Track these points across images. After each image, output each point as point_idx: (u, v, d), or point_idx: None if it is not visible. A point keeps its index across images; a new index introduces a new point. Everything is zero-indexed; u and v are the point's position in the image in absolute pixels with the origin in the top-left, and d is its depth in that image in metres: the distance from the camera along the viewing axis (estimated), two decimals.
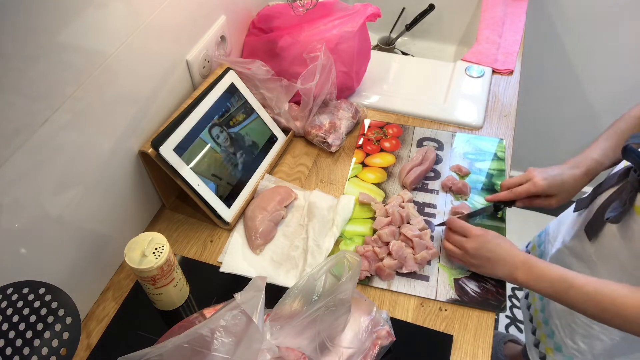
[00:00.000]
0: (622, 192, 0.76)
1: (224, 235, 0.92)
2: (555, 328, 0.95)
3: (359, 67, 1.14)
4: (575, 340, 0.91)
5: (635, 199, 0.73)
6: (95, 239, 0.80)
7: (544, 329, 0.99)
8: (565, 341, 0.93)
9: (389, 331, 0.72)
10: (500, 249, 0.78)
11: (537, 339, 1.02)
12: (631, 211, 0.73)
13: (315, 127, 1.06)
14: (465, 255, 0.80)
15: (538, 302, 1.02)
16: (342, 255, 0.69)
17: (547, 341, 0.97)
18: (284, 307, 0.68)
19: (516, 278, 0.75)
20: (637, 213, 0.72)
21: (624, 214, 0.74)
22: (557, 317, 0.94)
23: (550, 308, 0.97)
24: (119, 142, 0.79)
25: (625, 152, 0.72)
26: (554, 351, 0.97)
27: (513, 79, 1.22)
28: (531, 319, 1.05)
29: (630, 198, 0.73)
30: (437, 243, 0.88)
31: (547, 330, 0.98)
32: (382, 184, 0.99)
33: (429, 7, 1.44)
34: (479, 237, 0.79)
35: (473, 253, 0.78)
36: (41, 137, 0.64)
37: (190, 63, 0.94)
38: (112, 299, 0.83)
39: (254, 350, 0.62)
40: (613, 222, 0.76)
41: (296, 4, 1.05)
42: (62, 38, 0.64)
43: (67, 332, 0.54)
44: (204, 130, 0.90)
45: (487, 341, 0.76)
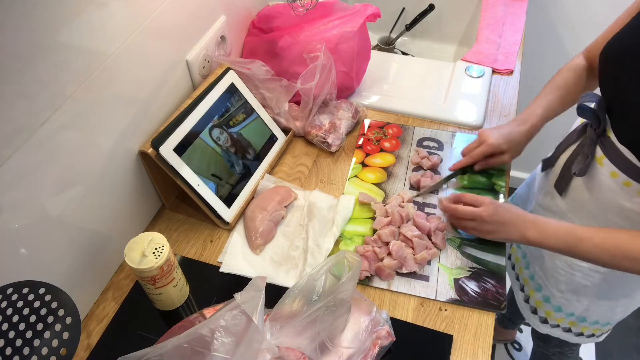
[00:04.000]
0: (583, 147, 0.82)
1: (224, 235, 0.92)
2: (541, 281, 1.00)
3: (359, 67, 1.14)
4: (560, 289, 0.96)
5: (595, 152, 0.79)
6: (95, 239, 0.80)
7: (531, 284, 1.04)
8: (552, 291, 0.98)
9: (389, 331, 0.72)
10: (511, 212, 0.82)
11: (526, 295, 1.07)
12: (594, 163, 0.79)
13: (315, 127, 1.06)
14: (481, 223, 0.83)
15: (522, 260, 1.07)
16: (342, 255, 0.69)
17: (535, 295, 1.03)
18: (284, 307, 0.68)
19: (528, 237, 0.79)
20: (599, 164, 0.79)
21: (587, 166, 0.80)
22: (541, 270, 0.99)
23: (534, 263, 1.01)
24: (119, 142, 0.79)
25: (580, 110, 0.79)
26: (543, 303, 1.02)
27: (513, 79, 1.22)
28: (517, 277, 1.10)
29: (591, 151, 0.79)
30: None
31: (534, 285, 1.02)
32: (382, 184, 0.99)
33: (429, 7, 1.44)
34: (492, 203, 0.83)
35: (488, 219, 0.82)
36: (41, 137, 0.64)
37: (190, 63, 0.94)
38: (112, 299, 0.83)
39: (254, 350, 0.62)
40: (579, 175, 0.82)
41: (296, 4, 1.05)
42: (62, 38, 0.64)
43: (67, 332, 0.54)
44: (204, 130, 0.90)
45: (487, 341, 0.76)
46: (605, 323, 1.00)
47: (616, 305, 0.95)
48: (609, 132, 0.77)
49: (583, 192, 0.84)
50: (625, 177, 0.75)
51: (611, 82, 0.77)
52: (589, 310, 0.96)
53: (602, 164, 0.78)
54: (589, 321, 0.99)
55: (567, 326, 1.02)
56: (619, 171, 0.76)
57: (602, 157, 0.78)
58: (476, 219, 0.83)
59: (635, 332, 1.74)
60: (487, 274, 0.84)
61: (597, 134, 0.78)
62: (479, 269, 0.85)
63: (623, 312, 0.98)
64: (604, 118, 0.77)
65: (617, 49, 0.75)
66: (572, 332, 1.03)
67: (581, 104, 0.79)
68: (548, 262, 0.96)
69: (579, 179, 0.84)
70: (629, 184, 0.75)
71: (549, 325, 1.04)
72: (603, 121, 0.77)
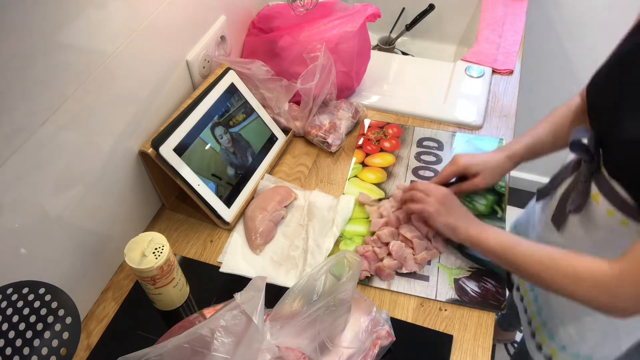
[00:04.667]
0: (577, 183, 0.79)
1: (224, 235, 0.92)
2: (547, 318, 0.97)
3: (359, 67, 1.14)
4: (566, 328, 0.93)
5: (590, 188, 0.76)
6: (95, 239, 0.80)
7: (537, 319, 1.01)
8: (558, 329, 0.95)
9: (389, 331, 0.72)
10: (462, 207, 0.85)
11: (532, 329, 1.04)
12: (589, 200, 0.77)
13: (315, 127, 1.06)
14: (433, 202, 0.84)
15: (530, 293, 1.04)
16: (342, 255, 0.69)
17: (542, 330, 1.00)
18: (284, 307, 0.68)
19: (469, 232, 0.80)
20: (595, 201, 0.75)
21: (583, 204, 0.78)
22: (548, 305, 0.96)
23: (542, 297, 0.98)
24: (119, 142, 0.79)
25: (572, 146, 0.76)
26: (548, 340, 0.99)
27: (513, 79, 1.22)
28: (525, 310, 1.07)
29: (586, 188, 0.77)
30: None
31: (540, 320, 1.00)
32: (382, 184, 0.99)
33: (429, 7, 1.43)
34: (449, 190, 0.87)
35: (441, 199, 0.84)
36: (41, 137, 0.64)
37: (190, 63, 0.94)
38: (112, 299, 0.83)
39: (254, 350, 0.62)
40: (575, 212, 0.80)
41: (296, 4, 1.05)
42: (62, 38, 0.64)
43: (67, 332, 0.54)
44: (204, 130, 0.90)
45: (487, 341, 0.76)
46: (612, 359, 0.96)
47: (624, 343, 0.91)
48: (602, 169, 0.73)
49: (579, 229, 0.80)
50: (622, 215, 0.71)
51: (596, 116, 0.75)
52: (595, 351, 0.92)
53: (598, 202, 0.74)
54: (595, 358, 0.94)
55: None
56: (615, 209, 0.71)
57: (598, 194, 0.74)
58: (430, 195, 0.85)
59: None
60: (487, 274, 0.84)
61: (591, 171, 0.75)
62: (479, 269, 0.85)
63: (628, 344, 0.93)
64: (598, 153, 0.73)
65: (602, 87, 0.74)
66: None
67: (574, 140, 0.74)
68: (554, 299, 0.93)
69: (575, 216, 0.80)
70: (625, 223, 0.71)
71: None
72: (596, 156, 0.73)
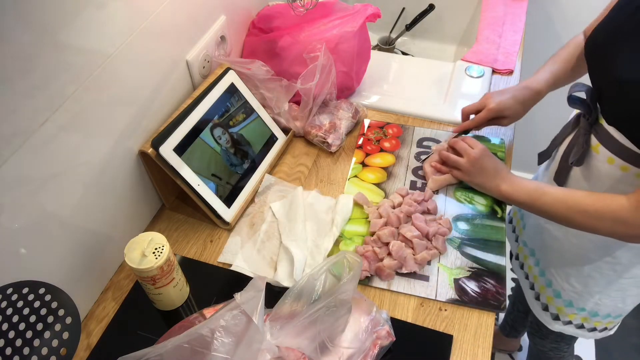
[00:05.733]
0: (578, 137, 0.84)
1: (224, 235, 0.92)
2: (552, 277, 1.01)
3: (359, 67, 1.14)
4: (571, 282, 0.98)
5: (590, 140, 0.82)
6: (95, 239, 0.80)
7: (540, 280, 1.05)
8: (563, 285, 0.99)
9: (389, 331, 0.72)
10: (496, 163, 0.90)
11: (536, 292, 1.08)
12: (590, 152, 0.82)
13: (315, 127, 1.06)
14: (467, 162, 0.91)
15: (530, 258, 1.08)
16: (342, 255, 0.69)
17: (546, 290, 1.04)
18: (284, 307, 0.68)
19: (501, 190, 0.88)
20: (595, 152, 0.81)
21: (584, 155, 0.83)
22: (551, 265, 1.01)
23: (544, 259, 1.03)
24: (119, 142, 0.79)
25: (570, 101, 0.83)
26: (554, 299, 1.03)
27: (513, 79, 1.22)
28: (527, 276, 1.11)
29: (586, 140, 0.82)
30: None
31: (544, 281, 1.04)
32: (382, 184, 0.99)
33: (429, 7, 1.43)
34: (484, 149, 0.91)
35: (475, 160, 0.90)
36: (41, 137, 0.64)
37: (190, 63, 0.94)
38: (112, 299, 0.83)
39: (254, 350, 0.62)
40: (576, 164, 0.85)
41: (296, 4, 1.05)
42: (62, 38, 0.64)
43: (67, 332, 0.54)
44: (204, 130, 0.90)
45: (487, 341, 0.76)
46: (617, 315, 1.01)
47: (626, 295, 0.96)
48: (601, 120, 0.79)
49: (582, 182, 0.86)
50: (621, 161, 0.76)
51: (599, 65, 0.79)
52: (600, 304, 0.97)
53: (598, 152, 0.80)
54: (601, 315, 1.00)
55: (580, 322, 1.02)
56: (614, 156, 0.77)
57: (598, 145, 0.80)
58: (465, 156, 0.91)
59: (635, 332, 1.74)
60: (487, 273, 0.84)
61: (590, 123, 0.81)
62: (479, 269, 0.85)
63: (633, 302, 0.99)
64: (595, 106, 0.79)
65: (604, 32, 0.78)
66: (585, 328, 1.04)
67: (572, 95, 0.82)
68: (557, 256, 0.98)
69: (577, 169, 0.86)
70: (626, 169, 0.77)
71: (561, 323, 1.05)
72: (594, 109, 0.79)
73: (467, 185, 0.97)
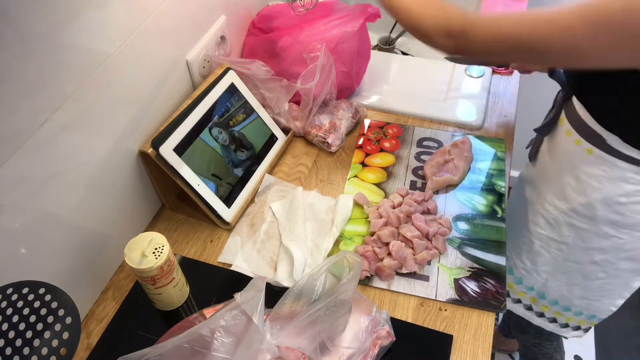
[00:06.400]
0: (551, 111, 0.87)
1: (224, 235, 0.92)
2: (510, 252, 1.02)
3: (359, 67, 1.14)
4: (522, 258, 0.99)
5: (561, 113, 0.84)
6: (95, 239, 0.80)
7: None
8: (515, 262, 1.01)
9: (389, 331, 0.72)
10: None
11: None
12: (557, 124, 0.84)
13: (315, 127, 1.06)
14: None
15: None
16: (342, 255, 0.69)
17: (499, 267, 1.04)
18: (284, 307, 0.68)
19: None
20: (560, 124, 0.84)
21: (549, 124, 0.85)
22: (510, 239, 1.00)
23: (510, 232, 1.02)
24: (119, 142, 0.79)
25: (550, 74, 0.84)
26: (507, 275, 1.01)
27: (513, 79, 1.22)
28: None
29: (557, 113, 0.84)
30: None
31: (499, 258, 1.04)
32: (382, 184, 0.99)
33: None
34: None
35: None
36: (41, 137, 0.64)
37: (190, 63, 0.94)
38: (112, 299, 0.83)
39: (254, 350, 0.62)
40: (538, 131, 0.86)
41: (296, 4, 1.05)
42: (62, 38, 0.64)
43: (67, 332, 0.54)
44: (204, 130, 0.90)
45: (487, 341, 0.76)
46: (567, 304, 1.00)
47: (572, 283, 0.95)
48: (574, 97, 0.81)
49: (546, 156, 0.89)
50: (577, 135, 0.79)
51: None
52: (547, 286, 0.99)
53: (563, 124, 0.83)
54: (548, 299, 1.01)
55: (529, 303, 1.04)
56: (572, 129, 0.80)
57: (563, 118, 0.83)
58: None
59: (635, 332, 1.74)
60: (487, 273, 0.84)
61: (565, 97, 0.83)
62: (479, 268, 0.85)
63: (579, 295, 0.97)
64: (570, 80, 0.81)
65: None
66: (534, 311, 1.06)
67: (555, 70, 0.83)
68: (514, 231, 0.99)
69: (544, 144, 0.88)
70: (579, 142, 0.79)
71: (510, 300, 1.07)
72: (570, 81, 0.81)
73: (467, 186, 0.97)
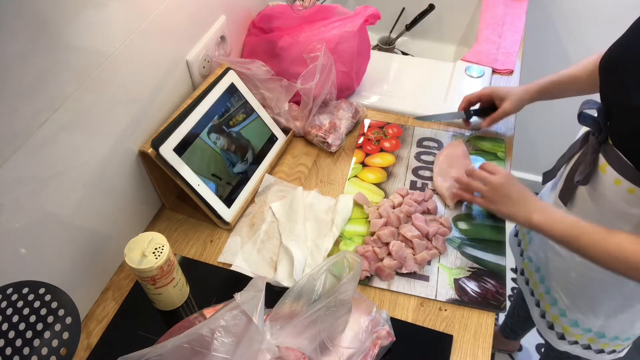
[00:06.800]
0: (586, 155, 0.81)
1: (224, 235, 0.92)
2: (557, 295, 0.98)
3: (359, 67, 1.14)
4: (576, 301, 0.94)
5: (598, 160, 0.79)
6: (95, 239, 0.80)
7: (546, 298, 1.02)
8: (568, 305, 0.96)
9: (389, 331, 0.72)
10: (522, 190, 0.82)
11: (542, 310, 1.05)
12: (597, 171, 0.79)
13: (315, 127, 1.06)
14: (489, 191, 0.84)
15: (535, 275, 1.05)
16: (342, 255, 0.69)
17: (551, 309, 1.01)
18: (284, 307, 0.68)
19: (532, 220, 0.78)
20: (602, 172, 0.78)
21: (590, 174, 0.79)
22: (556, 283, 0.97)
23: (549, 277, 1.00)
24: (119, 142, 0.79)
25: (581, 118, 0.79)
26: (559, 317, 1.00)
27: (513, 79, 1.22)
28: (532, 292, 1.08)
29: (594, 159, 0.79)
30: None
31: (549, 299, 1.01)
32: (382, 184, 0.99)
33: (429, 7, 1.44)
34: (507, 175, 0.84)
35: (497, 188, 0.83)
36: (41, 137, 0.64)
37: (190, 63, 0.94)
38: (112, 299, 0.83)
39: (254, 350, 0.62)
40: (582, 184, 0.81)
41: (296, 5, 1.05)
42: (62, 38, 0.64)
43: (67, 332, 0.54)
44: (204, 130, 0.90)
45: (487, 341, 0.76)
46: (626, 338, 0.98)
47: (636, 319, 0.92)
48: (609, 140, 0.76)
49: (587, 202, 0.82)
50: (629, 183, 0.73)
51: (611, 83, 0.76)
52: (607, 326, 0.94)
53: (605, 172, 0.77)
54: (608, 337, 0.96)
55: (586, 343, 0.99)
56: (622, 178, 0.74)
57: (605, 165, 0.77)
58: (487, 184, 0.85)
59: None
60: (487, 273, 0.84)
61: (599, 142, 0.78)
62: (479, 268, 0.85)
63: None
64: (605, 125, 0.76)
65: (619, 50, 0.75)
66: (592, 350, 1.00)
67: (583, 112, 0.79)
68: (562, 274, 0.94)
69: (583, 189, 0.82)
70: (632, 191, 0.74)
71: (566, 342, 1.01)
72: (605, 128, 0.76)
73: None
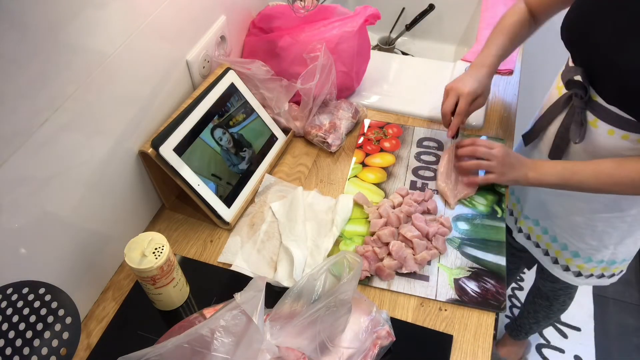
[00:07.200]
0: (573, 115, 0.88)
1: (224, 235, 0.92)
2: (565, 240, 1.06)
3: (359, 67, 1.14)
4: (586, 241, 1.03)
5: (587, 117, 0.86)
6: (95, 239, 0.80)
7: (555, 246, 1.10)
8: (579, 246, 1.05)
9: (389, 331, 0.72)
10: (516, 157, 0.92)
11: (552, 257, 1.13)
12: (589, 127, 0.86)
13: (315, 127, 1.06)
14: (497, 165, 0.91)
15: (536, 229, 1.12)
16: (342, 255, 0.69)
17: (563, 254, 1.09)
18: (284, 307, 0.68)
19: (528, 177, 0.89)
20: (593, 127, 0.86)
21: (585, 132, 0.87)
22: (562, 230, 1.06)
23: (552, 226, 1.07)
24: (119, 142, 0.79)
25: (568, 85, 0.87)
26: (573, 259, 1.09)
27: (513, 79, 1.22)
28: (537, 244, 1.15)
29: (584, 117, 0.86)
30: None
31: (559, 245, 1.09)
32: (382, 184, 0.99)
33: (429, 7, 1.44)
34: (504, 147, 0.92)
35: (502, 159, 0.90)
36: (41, 137, 0.64)
37: (190, 63, 0.94)
38: (112, 299, 0.83)
39: (254, 350, 0.62)
40: (580, 141, 0.88)
41: (297, 6, 1.05)
42: (62, 38, 0.64)
43: (67, 332, 0.54)
44: (204, 130, 0.90)
45: (487, 341, 0.76)
46: (630, 257, 1.08)
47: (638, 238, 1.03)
48: (594, 97, 0.83)
49: (583, 156, 0.89)
50: (622, 131, 0.81)
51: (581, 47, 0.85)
52: (616, 252, 1.04)
53: (597, 126, 0.84)
54: (618, 261, 1.07)
55: (600, 272, 1.09)
56: (614, 128, 0.82)
57: (596, 120, 0.84)
58: (492, 159, 0.91)
59: (635, 332, 1.74)
60: (487, 273, 0.84)
61: (585, 101, 0.85)
62: (479, 268, 0.85)
63: None
64: (588, 86, 0.83)
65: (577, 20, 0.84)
66: (605, 276, 1.11)
67: (568, 79, 0.86)
68: (567, 222, 1.03)
69: (576, 146, 0.90)
70: (626, 137, 0.81)
71: (583, 277, 1.11)
72: (589, 88, 0.83)
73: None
